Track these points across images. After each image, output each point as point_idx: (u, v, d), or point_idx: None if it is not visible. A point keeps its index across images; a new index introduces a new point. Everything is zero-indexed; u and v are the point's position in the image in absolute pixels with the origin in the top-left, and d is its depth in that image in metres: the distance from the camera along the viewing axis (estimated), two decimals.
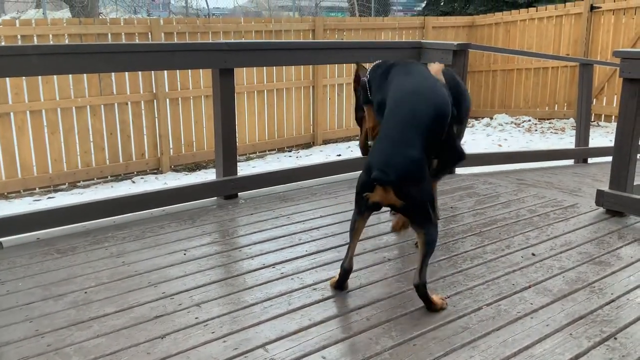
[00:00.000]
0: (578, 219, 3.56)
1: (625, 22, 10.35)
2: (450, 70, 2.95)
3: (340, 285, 2.53)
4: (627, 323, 2.30)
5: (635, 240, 3.18)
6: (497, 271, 2.78)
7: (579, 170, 5.84)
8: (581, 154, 6.52)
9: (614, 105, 10.25)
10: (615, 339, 2.19)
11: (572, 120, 10.75)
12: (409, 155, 2.26)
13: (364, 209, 2.39)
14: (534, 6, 12.33)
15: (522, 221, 3.49)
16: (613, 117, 10.15)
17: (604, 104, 10.71)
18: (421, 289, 2.32)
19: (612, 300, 2.49)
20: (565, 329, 2.25)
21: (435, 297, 2.39)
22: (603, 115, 10.73)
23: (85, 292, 2.54)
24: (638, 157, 3.77)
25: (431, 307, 2.35)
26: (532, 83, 11.56)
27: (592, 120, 10.00)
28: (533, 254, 2.98)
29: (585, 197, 4.13)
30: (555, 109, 11.38)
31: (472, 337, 2.19)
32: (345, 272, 2.50)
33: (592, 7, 10.73)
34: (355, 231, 2.46)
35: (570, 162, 6.48)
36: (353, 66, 3.04)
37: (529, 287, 2.61)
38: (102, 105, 7.79)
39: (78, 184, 7.70)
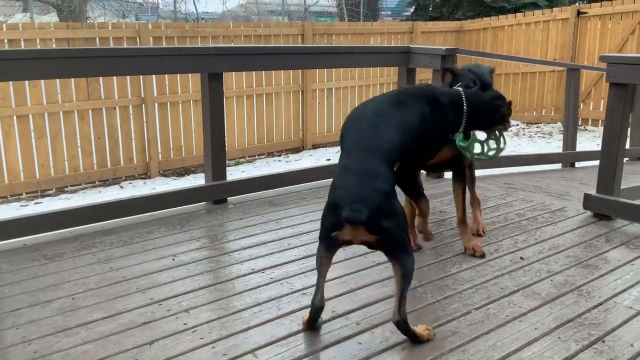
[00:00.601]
0: (566, 222, 3.58)
1: (611, 27, 10.47)
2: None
3: (312, 325, 2.26)
4: (615, 326, 2.31)
5: (622, 243, 3.21)
6: (486, 275, 2.79)
7: (566, 174, 5.88)
8: (568, 158, 6.57)
9: (601, 109, 10.35)
10: (603, 342, 2.20)
11: (559, 124, 10.84)
12: (378, 188, 2.07)
13: (331, 247, 2.17)
14: (522, 11, 12.43)
15: (511, 225, 3.51)
16: (600, 121, 10.25)
17: (591, 109, 10.81)
18: (402, 326, 2.14)
19: (600, 304, 2.50)
20: (553, 333, 2.26)
21: (420, 329, 2.20)
22: (590, 120, 10.83)
23: (73, 299, 2.52)
24: (625, 161, 3.80)
25: (417, 341, 2.17)
26: (520, 88, 11.65)
27: (579, 124, 10.10)
28: (521, 258, 3.00)
29: (572, 201, 4.15)
30: (543, 113, 11.48)
31: (462, 340, 2.19)
32: (317, 309, 2.23)
33: (578, 13, 10.85)
34: (322, 267, 2.21)
35: (558, 166, 6.52)
36: (342, 70, 3.05)
37: (518, 290, 2.62)
38: (90, 110, 7.74)
39: (65, 189, 7.64)
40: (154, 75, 8.04)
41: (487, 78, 3.06)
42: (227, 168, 4.10)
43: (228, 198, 3.95)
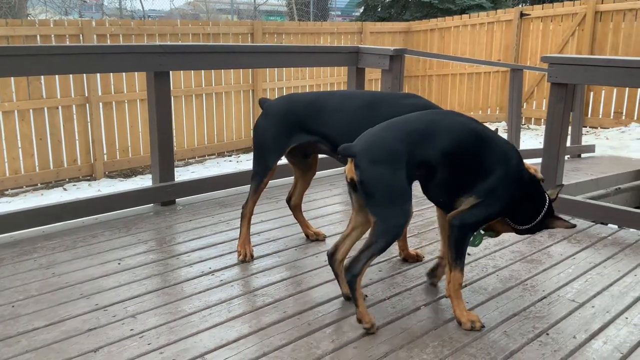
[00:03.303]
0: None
1: (552, 28, 10.83)
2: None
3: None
4: (559, 319, 2.39)
5: (564, 238, 3.32)
6: None
7: None
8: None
9: (543, 108, 10.69)
10: (548, 334, 2.27)
11: (503, 123, 11.12)
12: (379, 133, 2.22)
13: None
14: (467, 13, 12.72)
15: None
16: (542, 120, 10.59)
17: (534, 108, 11.15)
18: (348, 277, 2.20)
19: (544, 297, 2.58)
20: (500, 327, 2.31)
21: (359, 293, 2.22)
22: (533, 119, 11.17)
23: (13, 306, 2.41)
24: (566, 158, 3.93)
25: (355, 304, 2.21)
26: (466, 88, 11.91)
27: (523, 123, 10.40)
28: (468, 254, 3.05)
29: None
30: (488, 112, 11.76)
31: (411, 337, 2.22)
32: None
33: (521, 14, 11.17)
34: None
35: None
36: (293, 70, 3.07)
37: (465, 286, 2.66)
38: (31, 110, 7.46)
39: (6, 192, 7.34)
40: (98, 74, 7.82)
41: None
42: (177, 169, 4.03)
43: (177, 199, 3.87)
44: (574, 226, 2.44)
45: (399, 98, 2.87)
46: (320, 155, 3.16)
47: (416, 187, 2.30)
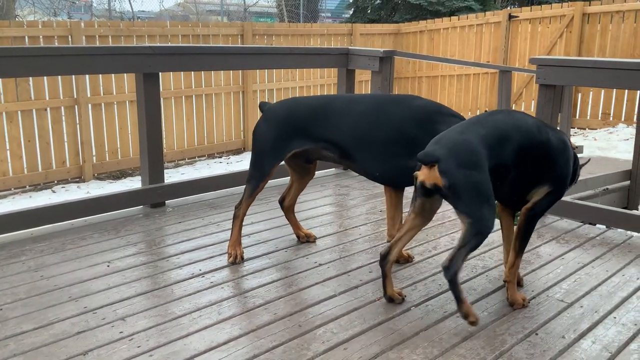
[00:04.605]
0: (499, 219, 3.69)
1: (541, 30, 10.91)
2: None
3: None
4: (547, 319, 2.40)
5: (553, 238, 3.34)
6: (424, 272, 2.84)
7: None
8: None
9: (532, 109, 10.76)
10: (537, 334, 2.28)
11: None
12: (462, 136, 2.24)
13: (418, 196, 2.30)
14: (456, 15, 12.78)
15: (447, 223, 3.59)
16: None
17: (523, 109, 11.20)
18: (448, 276, 2.21)
19: (533, 297, 2.60)
20: (489, 327, 2.32)
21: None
22: None
23: (1, 309, 2.39)
24: None
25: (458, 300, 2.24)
26: (456, 89, 11.96)
27: None
28: None
29: None
30: (477, 113, 11.81)
31: (401, 338, 2.22)
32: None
33: (510, 16, 11.24)
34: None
35: None
36: (283, 71, 3.05)
37: None
38: (19, 112, 7.42)
39: None
40: (87, 76, 7.78)
41: None
42: (167, 170, 4.02)
43: (166, 201, 3.86)
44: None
45: (407, 100, 2.82)
46: None
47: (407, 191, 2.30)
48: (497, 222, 2.53)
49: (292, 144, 2.83)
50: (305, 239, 3.22)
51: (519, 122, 2.39)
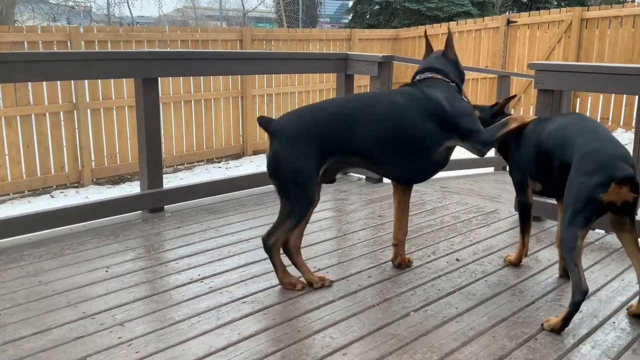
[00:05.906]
0: (499, 224, 3.70)
1: (539, 35, 10.93)
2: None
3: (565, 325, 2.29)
4: None
5: (552, 243, 3.33)
6: (423, 277, 2.84)
7: (499, 177, 6.09)
8: (500, 161, 6.79)
9: (531, 114, 10.76)
10: (536, 339, 2.28)
11: None
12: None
13: (593, 215, 2.21)
14: (455, 20, 12.81)
15: (447, 227, 3.59)
16: None
17: (521, 114, 11.22)
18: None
19: (532, 302, 2.59)
20: (488, 332, 2.32)
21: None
22: None
23: None
24: None
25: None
26: None
27: None
28: (457, 260, 3.07)
29: (505, 203, 4.29)
30: None
31: (401, 343, 2.22)
32: (584, 294, 2.22)
33: (508, 22, 11.27)
34: (579, 250, 2.22)
35: (491, 169, 6.74)
36: (282, 76, 3.00)
37: (454, 291, 2.67)
38: (18, 117, 7.42)
39: None
40: (85, 81, 7.78)
41: None
42: (165, 175, 4.02)
43: (165, 206, 3.85)
44: None
45: (412, 92, 2.70)
46: None
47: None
48: None
49: (319, 159, 2.52)
50: (319, 284, 2.69)
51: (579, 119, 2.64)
